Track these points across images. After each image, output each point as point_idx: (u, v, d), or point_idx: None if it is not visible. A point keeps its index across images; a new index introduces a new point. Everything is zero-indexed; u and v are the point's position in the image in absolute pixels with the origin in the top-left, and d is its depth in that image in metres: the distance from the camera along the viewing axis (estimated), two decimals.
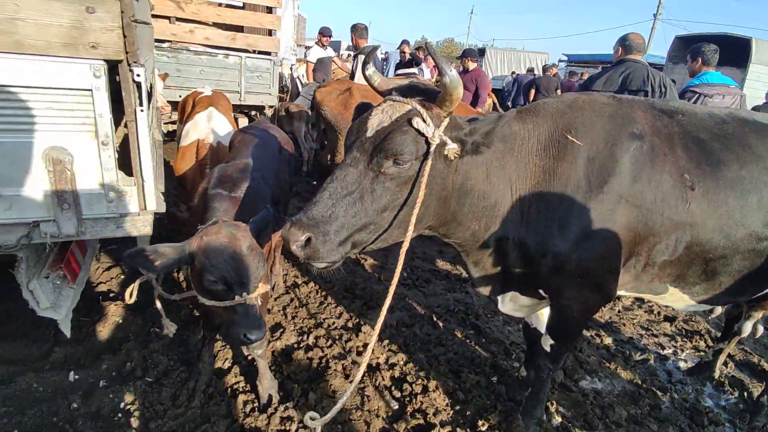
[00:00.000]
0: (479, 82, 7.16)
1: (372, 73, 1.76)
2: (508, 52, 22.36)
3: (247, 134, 2.76)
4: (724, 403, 2.83)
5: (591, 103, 2.01)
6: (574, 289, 1.99)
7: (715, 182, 1.94)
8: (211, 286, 1.75)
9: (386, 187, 1.54)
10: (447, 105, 1.55)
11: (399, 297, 3.50)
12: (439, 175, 1.63)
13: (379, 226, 1.58)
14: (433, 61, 1.47)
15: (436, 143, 1.52)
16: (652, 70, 3.54)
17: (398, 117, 1.55)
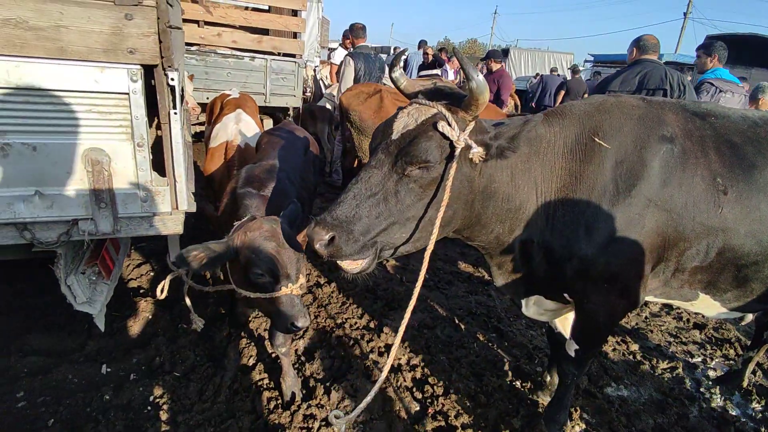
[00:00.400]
0: (501, 83, 7.11)
1: (399, 75, 1.78)
2: (533, 53, 22.07)
3: (273, 136, 2.82)
4: (751, 412, 2.75)
5: (619, 105, 1.98)
6: (600, 294, 1.96)
7: (748, 186, 1.89)
8: (258, 279, 1.85)
9: (410, 189, 1.55)
10: (473, 109, 1.55)
11: (421, 299, 3.50)
12: (464, 177, 1.63)
13: (405, 228, 1.60)
14: (460, 65, 1.48)
15: (461, 147, 1.53)
16: (669, 69, 3.51)
17: (424, 120, 1.57)
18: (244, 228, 1.91)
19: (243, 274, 1.91)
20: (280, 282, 1.85)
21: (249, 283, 1.89)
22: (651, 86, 3.46)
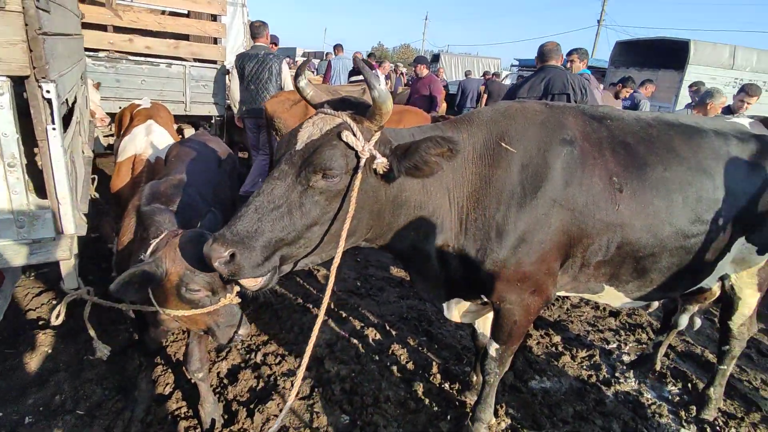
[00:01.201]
0: (432, 87, 7.25)
1: (304, 85, 1.73)
2: (462, 57, 22.86)
3: (183, 148, 2.66)
4: (666, 394, 2.95)
5: (523, 111, 2.05)
6: (514, 294, 2.02)
7: (641, 184, 2.03)
8: (195, 295, 1.75)
9: (315, 201, 1.51)
10: (377, 119, 1.54)
11: (352, 307, 3.46)
12: (371, 188, 1.61)
13: (310, 240, 1.55)
14: (362, 74, 1.46)
15: (365, 157, 1.51)
16: (570, 75, 3.74)
17: (328, 130, 1.53)
18: (168, 245, 1.79)
19: (175, 293, 1.78)
20: (218, 293, 1.78)
21: (184, 300, 1.78)
22: (555, 91, 3.66)
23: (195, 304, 1.79)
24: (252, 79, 5.18)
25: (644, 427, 2.59)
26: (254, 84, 5.18)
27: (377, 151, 1.55)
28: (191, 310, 1.79)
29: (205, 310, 1.79)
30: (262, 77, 5.15)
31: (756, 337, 3.72)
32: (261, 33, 5.35)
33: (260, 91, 5.18)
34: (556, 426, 2.50)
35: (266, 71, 5.15)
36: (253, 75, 5.16)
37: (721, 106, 4.99)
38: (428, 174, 1.60)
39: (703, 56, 11.46)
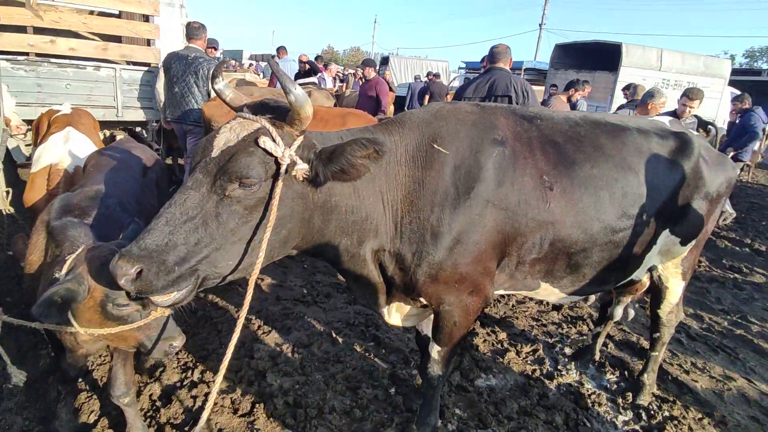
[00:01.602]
0: (379, 89, 7.24)
1: (223, 87, 1.63)
2: (411, 60, 23.07)
3: (103, 157, 2.48)
4: (605, 383, 3.06)
5: (455, 112, 2.05)
6: (452, 295, 2.01)
7: (570, 182, 2.07)
8: (123, 310, 1.66)
9: (233, 210, 1.42)
10: (297, 123, 1.48)
11: (297, 316, 3.36)
12: (296, 194, 1.55)
13: (230, 253, 1.46)
14: (277, 78, 1.39)
15: (286, 163, 1.44)
16: (514, 77, 3.78)
17: (246, 135, 1.45)
18: (88, 260, 1.67)
19: (100, 311, 1.66)
20: (148, 306, 1.67)
21: (111, 317, 1.67)
22: (498, 93, 3.72)
23: (124, 319, 1.68)
24: (177, 81, 4.81)
25: (585, 417, 2.66)
26: (179, 86, 4.82)
27: (299, 156, 1.49)
28: (120, 326, 1.69)
29: (136, 326, 1.69)
30: (188, 80, 4.80)
31: (685, 322, 3.94)
32: (196, 34, 4.99)
33: (185, 94, 4.83)
34: (501, 423, 2.53)
35: (193, 74, 4.78)
36: (179, 77, 4.79)
37: (661, 106, 5.09)
38: (356, 177, 1.56)
39: (633, 58, 12.16)
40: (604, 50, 12.79)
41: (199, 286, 1.46)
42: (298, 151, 1.49)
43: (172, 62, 4.84)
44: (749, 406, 2.97)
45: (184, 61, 4.79)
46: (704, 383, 3.14)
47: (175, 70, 4.81)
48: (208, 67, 4.78)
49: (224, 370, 1.38)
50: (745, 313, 4.29)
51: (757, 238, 6.90)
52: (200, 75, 4.77)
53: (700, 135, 2.58)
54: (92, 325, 1.71)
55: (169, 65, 4.85)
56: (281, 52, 9.14)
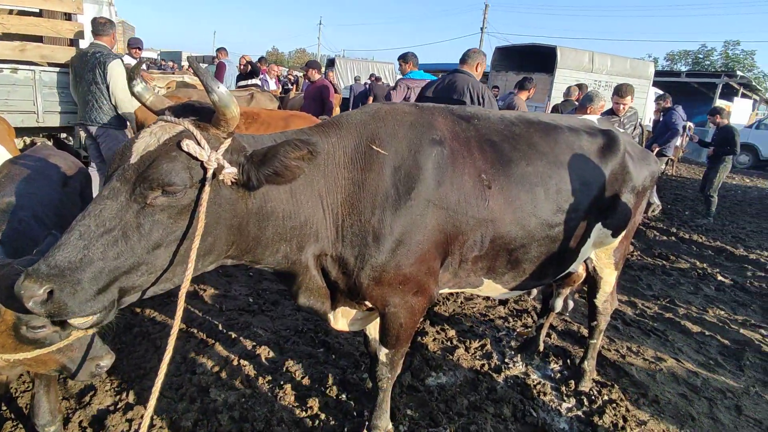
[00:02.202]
0: (324, 92, 7.17)
1: (141, 89, 1.53)
2: (358, 62, 23.08)
3: (16, 166, 2.26)
4: (550, 373, 3.17)
5: (393, 113, 2.04)
6: (397, 297, 2.00)
7: (507, 179, 2.12)
8: (39, 333, 1.51)
9: (156, 220, 1.33)
10: (223, 125, 1.40)
11: (242, 326, 3.24)
12: (226, 200, 1.47)
13: (154, 265, 1.37)
14: (199, 78, 1.31)
15: (213, 167, 1.37)
16: (473, 82, 3.76)
17: (167, 139, 1.36)
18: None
19: (13, 335, 1.51)
20: (67, 325, 1.52)
21: (26, 341, 1.52)
22: (454, 96, 3.74)
23: (41, 342, 1.54)
24: (80, 81, 4.42)
25: (531, 407, 2.74)
26: (81, 87, 4.42)
27: (227, 159, 1.41)
28: (37, 350, 1.54)
29: (55, 348, 1.56)
30: (87, 79, 4.35)
31: (620, 309, 4.18)
32: (102, 30, 4.49)
33: (86, 96, 4.41)
34: (452, 420, 2.55)
35: (90, 72, 4.31)
36: (81, 76, 4.39)
37: (601, 109, 5.16)
38: (290, 179, 1.50)
39: (568, 61, 12.83)
40: (541, 53, 13.41)
41: (121, 303, 1.36)
42: (226, 155, 1.42)
43: (74, 61, 4.48)
44: (678, 384, 3.18)
45: (83, 59, 4.38)
46: (639, 365, 3.33)
47: (78, 69, 4.43)
48: (104, 65, 4.29)
49: (158, 389, 1.28)
50: (673, 298, 4.61)
51: (681, 228, 7.46)
52: (98, 73, 4.30)
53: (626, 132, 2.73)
54: (6, 351, 1.56)
55: (73, 65, 4.49)
56: (221, 53, 8.84)
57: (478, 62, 3.93)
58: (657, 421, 2.75)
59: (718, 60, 37.24)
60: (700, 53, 38.70)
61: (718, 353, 3.65)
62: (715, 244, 6.69)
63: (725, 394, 3.10)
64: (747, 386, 3.22)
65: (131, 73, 1.51)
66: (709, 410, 2.92)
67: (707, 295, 4.85)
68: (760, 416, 2.91)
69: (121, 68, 4.36)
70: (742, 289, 5.11)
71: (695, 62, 38.35)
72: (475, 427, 2.49)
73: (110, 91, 4.37)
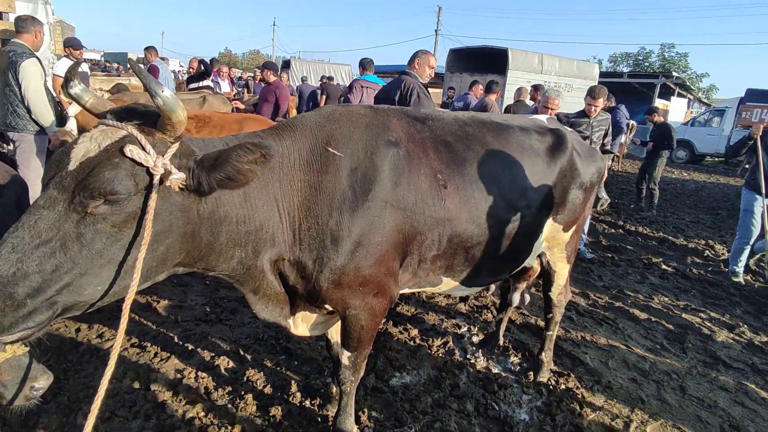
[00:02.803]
0: (279, 93, 7.05)
1: (80, 91, 1.44)
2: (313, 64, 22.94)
3: None
4: (510, 366, 3.25)
5: (348, 115, 2.04)
6: (357, 299, 2.00)
7: (462, 179, 2.17)
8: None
9: (99, 229, 1.26)
10: (170, 129, 1.35)
11: (200, 337, 3.13)
12: (176, 207, 1.41)
13: (98, 277, 1.29)
14: (141, 82, 1.26)
15: (159, 173, 1.31)
16: (408, 82, 3.84)
17: (109, 145, 1.29)
18: None
19: None
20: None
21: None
22: (393, 96, 3.81)
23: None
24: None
25: (493, 400, 2.80)
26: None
27: (175, 165, 1.36)
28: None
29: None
30: (1, 82, 4.04)
31: (573, 301, 4.35)
32: (23, 28, 4.16)
33: (2, 99, 4.07)
34: (416, 419, 2.57)
35: (3, 75, 4.03)
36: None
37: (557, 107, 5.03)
38: (243, 184, 1.47)
39: (518, 62, 13.25)
40: (493, 55, 13.76)
41: (59, 316, 1.28)
42: (174, 160, 1.36)
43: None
44: (629, 369, 3.35)
45: (2, 60, 4.05)
46: (592, 354, 3.48)
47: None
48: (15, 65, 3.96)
49: (96, 410, 1.21)
50: (622, 287, 4.86)
51: (627, 220, 7.86)
52: (10, 74, 3.98)
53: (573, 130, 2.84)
54: None
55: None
56: (151, 54, 8.23)
57: (421, 62, 4.00)
58: (611, 405, 2.89)
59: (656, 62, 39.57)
60: (640, 55, 40.99)
61: (664, 338, 3.87)
62: (658, 235, 7.09)
63: (671, 376, 3.29)
64: (690, 367, 3.43)
65: (68, 74, 1.42)
66: (657, 392, 3.09)
67: (653, 283, 5.14)
68: (701, 395, 3.11)
69: (36, 68, 4.03)
70: (683, 276, 5.45)
71: (636, 64, 40.57)
72: (439, 425, 2.52)
73: (22, 94, 4.01)
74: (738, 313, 4.55)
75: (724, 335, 4.00)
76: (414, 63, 3.97)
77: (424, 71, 3.96)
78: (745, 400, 3.10)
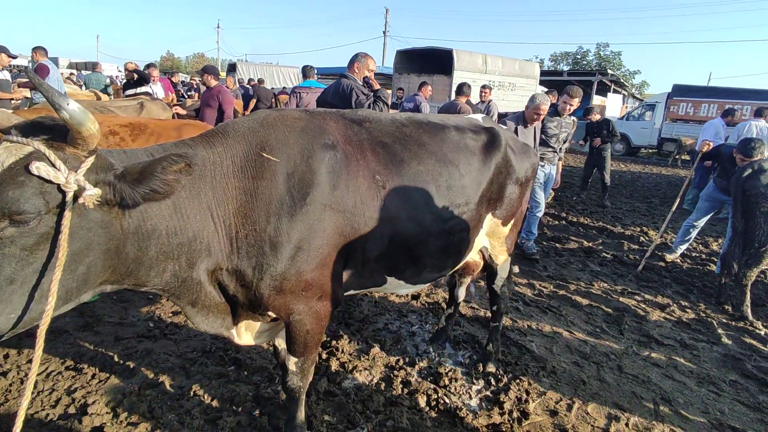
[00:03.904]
0: (222, 98, 6.83)
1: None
2: (260, 66, 22.53)
3: None
4: (460, 359, 3.34)
5: (282, 119, 2.02)
6: (301, 303, 1.99)
7: (400, 179, 2.20)
8: None
9: (6, 253, 1.19)
10: (81, 143, 1.29)
11: (142, 354, 3.00)
12: (96, 224, 1.35)
13: (9, 305, 1.21)
14: (43, 95, 1.18)
15: (72, 190, 1.25)
16: (345, 84, 3.93)
17: (13, 162, 1.22)
18: None
19: None
20: None
21: None
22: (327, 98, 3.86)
23: None
24: None
25: (444, 394, 2.87)
26: None
27: (91, 180, 1.30)
28: None
29: None
30: None
31: (520, 291, 4.53)
32: None
33: None
34: (369, 419, 2.58)
35: None
36: None
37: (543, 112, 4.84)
38: (168, 195, 1.43)
39: (464, 63, 13.60)
40: (440, 56, 14.04)
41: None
42: (89, 175, 1.30)
43: None
44: (572, 353, 3.52)
45: None
46: (538, 342, 3.63)
47: None
48: None
49: None
50: (565, 276, 5.10)
51: (570, 212, 8.25)
52: None
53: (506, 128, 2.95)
54: None
55: None
56: (38, 54, 7.56)
57: (360, 65, 4.09)
58: (555, 390, 3.03)
59: (593, 60, 41.82)
60: (578, 54, 43.18)
61: (603, 321, 4.11)
62: (597, 224, 7.50)
63: (609, 357, 3.49)
64: (626, 347, 3.66)
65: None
66: (597, 373, 3.27)
67: (593, 270, 5.43)
68: (636, 372, 3.32)
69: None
70: (620, 262, 5.79)
71: (575, 62, 42.71)
72: (392, 423, 2.55)
73: None
74: (669, 293, 4.89)
75: (656, 315, 4.29)
76: (354, 66, 4.02)
77: (362, 74, 4.02)
78: (674, 373, 3.35)
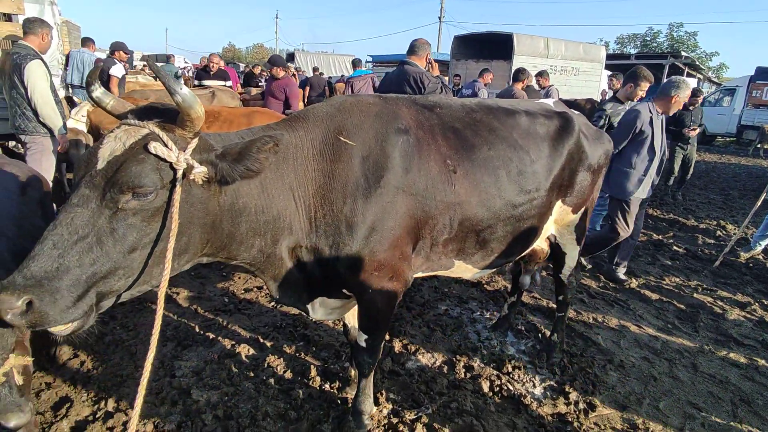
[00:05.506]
0: (288, 91, 6.87)
1: (101, 94, 1.52)
2: (317, 56, 22.94)
3: None
4: (523, 347, 3.31)
5: (358, 104, 2.09)
6: (373, 282, 2.06)
7: (471, 164, 2.21)
8: None
9: (130, 224, 1.34)
10: (189, 126, 1.42)
11: (220, 327, 3.23)
12: (198, 199, 1.49)
13: (131, 268, 1.37)
14: (160, 80, 1.32)
15: (182, 168, 1.38)
16: (415, 73, 3.85)
17: (133, 143, 1.37)
18: None
19: None
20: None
21: None
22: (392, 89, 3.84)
23: None
24: (4, 86, 4.18)
25: (507, 381, 2.87)
26: (6, 93, 4.18)
27: (196, 159, 1.43)
28: None
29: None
30: (8, 85, 4.10)
31: (585, 283, 4.39)
32: (29, 29, 4.19)
33: (10, 102, 4.14)
34: (433, 400, 2.64)
35: (9, 78, 4.07)
36: (5, 80, 4.14)
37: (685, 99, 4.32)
38: (259, 173, 1.54)
39: (524, 47, 13.13)
40: (498, 40, 13.64)
41: (99, 308, 1.36)
42: (195, 154, 1.43)
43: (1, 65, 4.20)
44: (641, 348, 3.39)
45: (6, 62, 4.12)
46: (604, 335, 3.53)
47: (2, 73, 4.18)
48: (20, 68, 4.00)
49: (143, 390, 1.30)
50: (633, 269, 4.87)
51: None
52: (15, 77, 4.03)
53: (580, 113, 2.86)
54: None
55: (3, 68, 4.19)
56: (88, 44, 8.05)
57: (422, 52, 4.00)
58: (623, 384, 2.94)
59: (665, 42, 38.89)
60: (647, 35, 40.30)
61: (675, 317, 3.90)
62: (669, 217, 7.07)
63: (683, 354, 3.33)
64: (701, 345, 3.47)
65: (89, 77, 1.50)
66: (670, 370, 3.13)
67: (663, 264, 5.15)
68: (713, 371, 3.14)
69: (40, 70, 4.09)
70: (694, 256, 5.45)
71: (643, 44, 39.91)
72: (456, 405, 2.59)
73: (29, 95, 4.07)
74: (749, 291, 4.55)
75: (735, 313, 4.02)
76: (417, 53, 3.98)
77: (425, 61, 4.00)
78: (755, 375, 3.14)
